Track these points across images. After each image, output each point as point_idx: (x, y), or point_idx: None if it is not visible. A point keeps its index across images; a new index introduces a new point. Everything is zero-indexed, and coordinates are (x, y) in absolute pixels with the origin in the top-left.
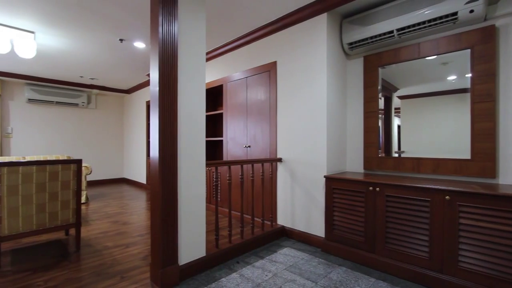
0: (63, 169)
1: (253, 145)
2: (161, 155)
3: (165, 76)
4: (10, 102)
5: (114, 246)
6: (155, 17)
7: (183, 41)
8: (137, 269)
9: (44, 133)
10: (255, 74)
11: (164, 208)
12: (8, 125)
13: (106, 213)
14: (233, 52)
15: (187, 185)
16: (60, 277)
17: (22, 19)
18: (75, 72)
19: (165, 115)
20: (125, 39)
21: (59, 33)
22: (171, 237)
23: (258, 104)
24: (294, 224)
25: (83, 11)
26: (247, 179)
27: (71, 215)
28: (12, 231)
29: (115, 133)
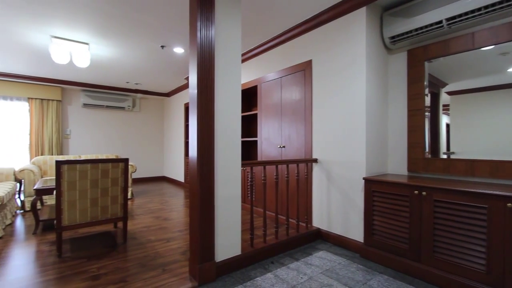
0: (113, 167)
1: (288, 145)
2: (199, 155)
3: (203, 79)
4: (68, 107)
5: (156, 240)
6: (193, 22)
7: (220, 44)
8: (177, 263)
9: (95, 134)
10: (290, 74)
11: (202, 206)
12: (67, 127)
13: (149, 209)
14: (267, 52)
15: (223, 185)
16: (110, 265)
17: (79, 33)
18: (122, 78)
19: (203, 117)
20: (166, 46)
21: (109, 43)
22: (208, 234)
23: (292, 104)
24: (330, 227)
25: (130, 22)
26: (282, 180)
27: (119, 209)
28: (71, 222)
29: (156, 134)
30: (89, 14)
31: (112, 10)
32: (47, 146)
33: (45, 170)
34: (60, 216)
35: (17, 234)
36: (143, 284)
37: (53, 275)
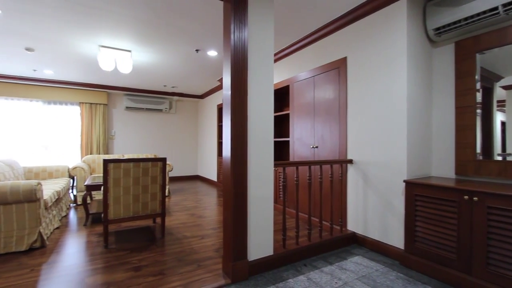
0: (152, 166)
1: (321, 145)
2: (233, 155)
3: (236, 80)
4: (113, 110)
5: (191, 236)
6: (227, 25)
7: (252, 45)
8: (210, 259)
9: (136, 134)
10: (323, 72)
11: (235, 206)
12: (112, 128)
13: (185, 206)
14: (299, 51)
15: (256, 185)
16: (150, 258)
17: (123, 41)
18: (160, 82)
19: (236, 117)
20: (200, 49)
21: (148, 49)
22: (241, 233)
23: (326, 103)
24: (366, 231)
25: (168, 29)
26: (315, 181)
27: (158, 206)
28: (116, 216)
29: (190, 135)
30: (131, 23)
31: (152, 18)
32: (95, 146)
33: (93, 168)
34: (107, 210)
35: (70, 225)
36: (179, 278)
37: (101, 264)
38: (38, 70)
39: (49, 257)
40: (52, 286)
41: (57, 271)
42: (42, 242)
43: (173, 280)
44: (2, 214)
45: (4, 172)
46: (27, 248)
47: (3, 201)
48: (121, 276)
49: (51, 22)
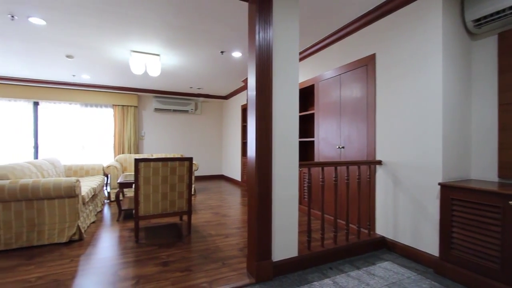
0: (179, 165)
1: (347, 146)
2: (257, 155)
3: (261, 81)
4: (143, 112)
5: (216, 234)
6: (252, 25)
7: (277, 45)
8: (235, 258)
9: (164, 135)
10: (350, 70)
11: (259, 205)
12: (142, 129)
13: (209, 205)
14: (324, 50)
15: (281, 185)
16: (177, 254)
17: (152, 45)
18: (186, 84)
19: (261, 118)
20: (225, 51)
21: (176, 53)
22: (266, 233)
23: (353, 102)
24: (396, 236)
25: (194, 32)
26: (341, 182)
27: (185, 204)
28: (146, 213)
29: (215, 135)
30: (160, 28)
31: (179, 23)
32: (126, 146)
33: (125, 167)
34: (138, 207)
35: (105, 220)
36: (205, 275)
37: (132, 258)
38: (76, 76)
39: (86, 249)
40: (89, 276)
41: (93, 263)
42: (80, 235)
43: (199, 276)
44: (46, 208)
45: (48, 170)
46: (67, 240)
47: (47, 196)
48: (150, 270)
49: (88, 30)
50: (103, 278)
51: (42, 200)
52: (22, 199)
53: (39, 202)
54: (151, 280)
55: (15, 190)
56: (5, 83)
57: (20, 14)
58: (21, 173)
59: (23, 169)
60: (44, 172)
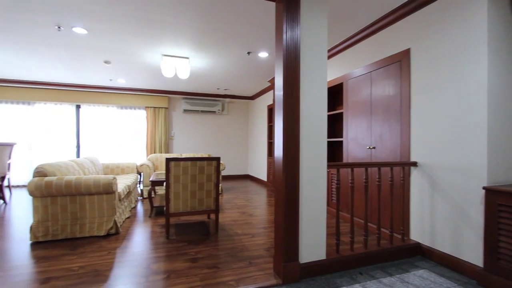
0: (207, 165)
1: (379, 146)
2: (285, 155)
3: (288, 80)
4: (173, 113)
5: (243, 234)
6: (279, 25)
7: (305, 44)
8: (261, 258)
9: (192, 135)
10: (381, 67)
11: (286, 206)
12: (172, 130)
13: (236, 204)
14: (354, 47)
15: (308, 186)
16: (205, 251)
17: (182, 49)
18: (213, 85)
19: (288, 117)
20: (252, 52)
21: (204, 55)
22: (293, 234)
23: (385, 100)
24: (434, 243)
25: (222, 34)
26: (372, 184)
27: (212, 202)
28: (176, 210)
29: (241, 135)
30: (189, 32)
31: (208, 26)
32: (157, 146)
33: (157, 166)
34: (168, 204)
35: (138, 215)
36: (232, 273)
37: (163, 253)
38: (113, 80)
39: (122, 242)
40: (124, 268)
41: (128, 256)
42: (116, 229)
43: (227, 274)
44: (87, 203)
45: (89, 168)
46: (105, 234)
47: (87, 192)
48: (180, 265)
49: (124, 37)
50: (137, 271)
51: (84, 196)
52: (66, 194)
53: (81, 197)
54: (181, 275)
55: (61, 186)
56: (52, 88)
57: (66, 25)
58: (66, 171)
59: (68, 166)
60: (85, 170)
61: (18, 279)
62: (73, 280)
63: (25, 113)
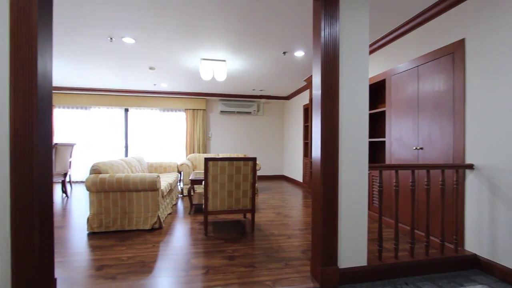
0: (244, 165)
1: (428, 146)
2: (323, 156)
3: (327, 79)
4: (210, 114)
5: (279, 234)
6: (317, 22)
7: (344, 41)
8: (298, 260)
9: (228, 135)
10: (430, 61)
11: (324, 208)
12: (209, 130)
13: (271, 205)
14: (398, 40)
15: (348, 188)
16: (242, 250)
17: (219, 52)
18: (249, 86)
19: (326, 117)
20: (288, 51)
21: (240, 57)
22: (331, 238)
23: (434, 97)
24: (494, 255)
25: (258, 36)
26: (419, 188)
27: (248, 202)
28: (214, 208)
29: (276, 135)
30: (226, 35)
31: (244, 28)
32: (196, 146)
33: (195, 165)
34: (207, 202)
35: (178, 212)
36: (268, 273)
37: (202, 249)
38: (156, 84)
39: (165, 237)
40: (167, 261)
41: (170, 249)
42: (160, 224)
43: (263, 274)
44: (134, 199)
45: (136, 166)
46: (150, 228)
47: (135, 189)
48: (218, 262)
49: (167, 44)
50: (178, 265)
51: (131, 192)
52: (117, 190)
53: (129, 194)
54: (218, 272)
55: (112, 182)
56: (105, 94)
57: (116, 36)
58: (117, 169)
59: (118, 165)
60: (133, 168)
61: (77, 265)
62: (123, 269)
63: (82, 116)
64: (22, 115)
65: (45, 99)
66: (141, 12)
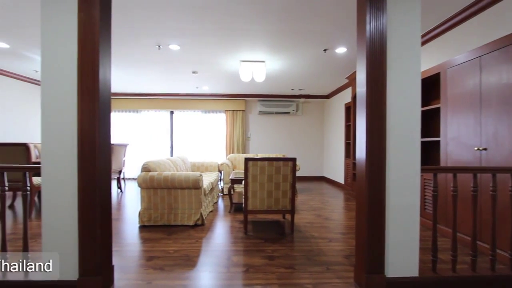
0: (283, 165)
1: (492, 147)
2: (368, 157)
3: (372, 75)
4: (249, 115)
5: (319, 237)
6: (362, 16)
7: (393, 33)
8: (340, 265)
9: (267, 136)
10: (496, 50)
11: (370, 212)
12: (248, 131)
13: (311, 206)
14: (455, 29)
15: (397, 192)
16: (281, 250)
17: (258, 53)
18: (288, 86)
19: (373, 116)
20: (329, 48)
21: (280, 57)
22: (377, 244)
23: (501, 91)
24: None
25: (298, 34)
26: (483, 194)
27: (288, 203)
28: (253, 208)
29: (316, 135)
30: (266, 36)
31: (283, 27)
32: (235, 146)
33: (235, 165)
34: (247, 201)
35: (219, 210)
36: (309, 276)
37: (242, 247)
38: (199, 87)
39: (207, 233)
40: (209, 257)
41: (212, 245)
42: (202, 220)
43: (303, 277)
44: (179, 196)
45: (180, 165)
46: (193, 224)
47: (179, 187)
48: (258, 261)
49: (209, 49)
50: (220, 261)
51: (177, 189)
52: (164, 187)
53: (175, 191)
54: (258, 271)
55: (160, 180)
56: (153, 98)
57: (164, 44)
58: (164, 167)
59: (165, 164)
60: (178, 167)
61: (130, 255)
62: (170, 261)
63: (134, 119)
64: (87, 118)
65: (105, 104)
66: (185, 20)
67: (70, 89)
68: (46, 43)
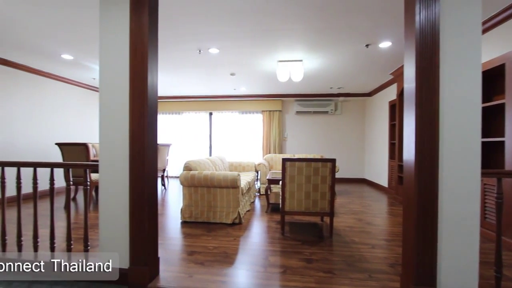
0: (322, 166)
1: None
2: (417, 159)
3: (423, 70)
4: (286, 115)
5: (360, 243)
6: (410, 6)
7: (447, 23)
8: (384, 274)
9: (304, 136)
10: None
11: (419, 219)
12: (285, 131)
13: (351, 209)
14: None
15: (452, 198)
16: (319, 254)
17: (296, 53)
18: (326, 85)
19: (423, 114)
20: (371, 43)
21: (318, 55)
22: (428, 255)
23: None
24: None
25: (337, 30)
26: None
27: (327, 205)
28: (291, 209)
29: (356, 136)
30: (303, 34)
31: (322, 24)
32: (272, 146)
33: (271, 165)
34: (284, 202)
35: (256, 210)
36: (350, 283)
37: (279, 248)
38: (236, 89)
39: (244, 232)
40: (246, 255)
41: (249, 244)
42: (239, 219)
43: (344, 283)
44: (218, 194)
45: (218, 165)
46: (231, 222)
47: (218, 185)
48: (295, 263)
49: (246, 50)
50: (257, 260)
51: (216, 188)
52: (204, 186)
53: (214, 189)
54: (296, 273)
55: (200, 178)
56: (193, 100)
57: (204, 48)
58: (203, 167)
59: (205, 163)
60: (216, 167)
61: (173, 248)
62: (209, 257)
63: (176, 121)
64: (137, 120)
65: (152, 107)
66: (224, 24)
67: (123, 95)
68: (103, 53)
